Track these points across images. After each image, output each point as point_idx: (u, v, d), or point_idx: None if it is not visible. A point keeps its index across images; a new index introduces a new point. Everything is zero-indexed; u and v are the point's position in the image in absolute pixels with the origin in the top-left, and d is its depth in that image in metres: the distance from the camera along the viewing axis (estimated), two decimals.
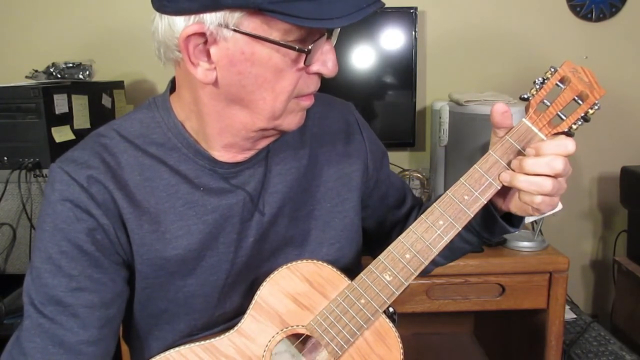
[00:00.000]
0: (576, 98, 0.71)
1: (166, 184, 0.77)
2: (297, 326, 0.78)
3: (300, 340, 0.81)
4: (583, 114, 0.72)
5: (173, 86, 0.81)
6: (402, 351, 0.77)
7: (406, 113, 1.81)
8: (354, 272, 0.78)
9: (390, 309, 0.79)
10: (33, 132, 1.39)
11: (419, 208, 0.98)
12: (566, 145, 0.68)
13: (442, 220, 0.75)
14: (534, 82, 0.72)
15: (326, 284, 0.78)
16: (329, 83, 0.78)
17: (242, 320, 0.78)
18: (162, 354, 0.79)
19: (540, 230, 1.49)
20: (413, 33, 1.75)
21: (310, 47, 0.67)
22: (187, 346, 0.79)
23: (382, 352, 0.77)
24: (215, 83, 0.70)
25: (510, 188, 0.75)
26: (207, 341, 0.78)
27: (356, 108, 0.95)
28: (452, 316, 1.93)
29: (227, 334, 0.78)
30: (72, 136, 1.48)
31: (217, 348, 0.78)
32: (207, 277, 0.79)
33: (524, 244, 1.47)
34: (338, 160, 0.88)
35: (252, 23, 0.65)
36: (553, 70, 0.72)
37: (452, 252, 0.90)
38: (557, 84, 0.71)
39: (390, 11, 1.75)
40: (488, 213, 0.81)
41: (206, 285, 0.79)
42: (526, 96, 0.73)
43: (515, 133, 0.73)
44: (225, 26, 0.65)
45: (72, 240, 0.73)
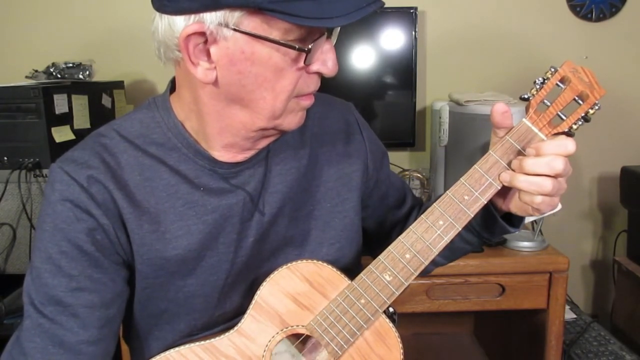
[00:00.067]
0: (576, 98, 0.71)
1: (166, 184, 0.77)
2: (297, 326, 0.78)
3: (300, 340, 0.80)
4: (583, 114, 0.72)
5: (173, 86, 0.80)
6: (402, 351, 0.77)
7: (406, 113, 1.81)
8: (354, 272, 0.78)
9: (390, 309, 0.79)
10: (33, 132, 1.39)
11: (419, 208, 0.98)
12: (566, 145, 0.68)
13: (442, 220, 0.75)
14: (534, 82, 0.72)
15: (326, 284, 0.78)
16: (329, 83, 0.78)
17: (242, 320, 0.78)
18: (162, 354, 0.79)
19: (540, 230, 1.49)
20: (413, 33, 1.75)
21: (310, 47, 0.67)
22: (187, 346, 0.79)
23: (382, 352, 0.77)
24: (215, 83, 0.70)
25: (510, 188, 0.75)
26: (207, 341, 0.78)
27: (356, 108, 0.95)
28: (452, 316, 1.93)
29: (227, 334, 0.78)
30: (72, 136, 1.48)
31: (217, 348, 0.78)
32: (207, 277, 0.79)
33: (524, 244, 1.47)
34: (338, 160, 0.88)
35: (252, 22, 0.65)
36: (553, 70, 0.71)
37: (452, 252, 0.90)
38: (558, 84, 0.71)
39: (390, 11, 1.75)
40: (488, 213, 0.81)
41: (206, 285, 0.79)
42: (526, 96, 0.73)
43: (515, 133, 0.73)
44: (225, 25, 0.65)
45: (72, 240, 0.73)
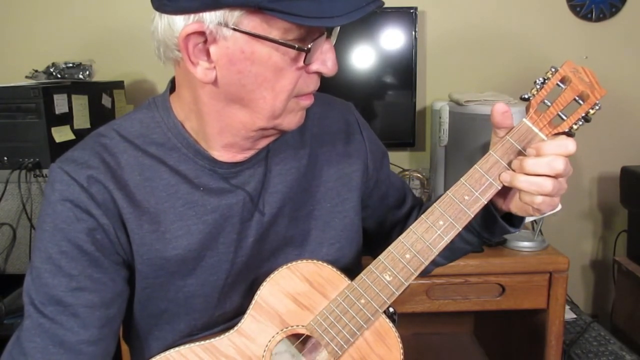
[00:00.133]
0: (577, 98, 0.71)
1: (166, 184, 0.77)
2: (297, 326, 0.78)
3: (300, 340, 0.80)
4: (584, 114, 0.72)
5: (173, 86, 0.80)
6: (402, 351, 0.77)
7: (406, 113, 1.81)
8: (354, 272, 0.78)
9: (390, 309, 0.79)
10: (33, 132, 1.39)
11: (419, 208, 0.98)
12: (567, 145, 0.68)
13: (443, 220, 0.75)
14: (535, 82, 0.72)
15: (326, 284, 0.78)
16: (329, 83, 0.77)
17: (242, 320, 0.78)
18: (162, 354, 0.79)
19: (540, 230, 1.49)
20: (413, 33, 1.75)
21: (309, 46, 0.66)
22: (187, 346, 0.79)
23: (382, 352, 0.77)
24: (214, 82, 0.70)
25: (510, 188, 0.75)
26: (207, 341, 0.78)
27: (356, 108, 0.95)
28: (452, 316, 1.93)
29: (227, 334, 0.78)
30: (72, 136, 1.48)
31: (217, 348, 0.78)
32: (207, 277, 0.79)
33: (524, 244, 1.47)
34: (338, 160, 0.88)
35: (252, 22, 0.65)
36: (554, 70, 0.71)
37: (453, 252, 0.90)
38: (558, 84, 0.71)
39: (390, 11, 1.75)
40: (488, 213, 0.81)
41: (206, 285, 0.79)
42: (527, 96, 0.72)
43: (515, 133, 0.73)
44: (225, 25, 0.65)
45: (72, 240, 0.73)
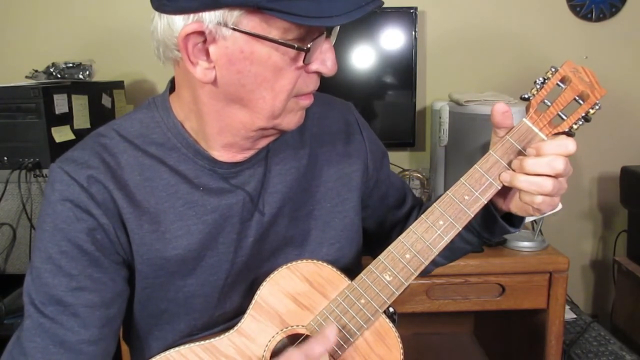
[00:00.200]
0: (577, 98, 0.71)
1: (166, 184, 0.77)
2: (297, 326, 0.78)
3: (300, 340, 0.80)
4: (584, 114, 0.72)
5: (173, 86, 0.80)
6: (402, 351, 0.77)
7: (406, 113, 1.81)
8: (354, 272, 0.78)
9: (390, 309, 0.79)
10: (33, 132, 1.39)
11: (419, 208, 0.98)
12: (567, 145, 0.68)
13: (443, 220, 0.75)
14: (535, 82, 0.72)
15: (326, 284, 0.78)
16: (329, 83, 0.78)
17: (242, 320, 0.78)
18: (162, 354, 0.79)
19: (540, 230, 1.49)
20: (413, 33, 1.75)
21: (309, 46, 0.66)
22: (187, 346, 0.79)
23: (382, 352, 0.77)
24: (214, 82, 0.70)
25: (510, 188, 0.75)
26: (207, 341, 0.78)
27: (356, 108, 0.95)
28: (452, 316, 1.93)
29: (227, 334, 0.78)
30: (72, 136, 1.48)
31: (217, 348, 0.78)
32: (207, 277, 0.79)
33: (524, 244, 1.47)
34: (338, 160, 0.88)
35: (251, 22, 0.65)
36: (554, 70, 0.71)
37: (453, 252, 0.90)
38: (558, 84, 0.71)
39: (390, 11, 1.75)
40: (488, 213, 0.81)
41: (206, 285, 0.79)
42: (527, 96, 0.72)
43: (515, 133, 0.73)
44: (224, 25, 0.65)
45: (72, 240, 0.73)
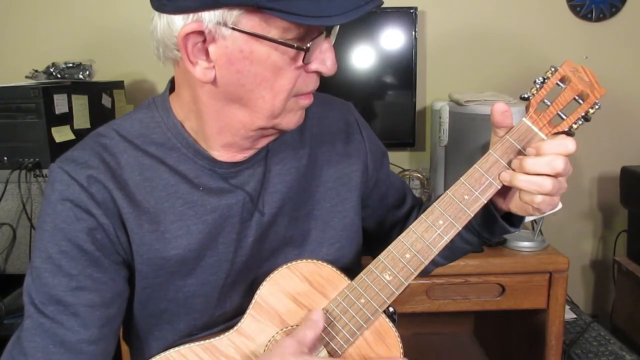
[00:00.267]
0: (576, 97, 0.71)
1: (165, 184, 0.77)
2: (297, 326, 0.78)
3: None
4: (583, 114, 0.72)
5: (172, 86, 0.80)
6: (402, 351, 0.77)
7: (406, 113, 1.81)
8: (354, 272, 0.78)
9: (390, 309, 0.79)
10: (33, 132, 1.39)
11: (419, 208, 0.98)
12: (566, 144, 0.68)
13: (442, 220, 0.75)
14: (535, 82, 0.72)
15: (326, 284, 0.78)
16: (329, 83, 0.78)
17: (242, 320, 0.78)
18: (162, 354, 0.79)
19: (540, 230, 1.49)
20: (413, 33, 1.75)
21: (308, 45, 0.66)
22: (187, 346, 0.79)
23: (382, 352, 0.77)
24: (214, 82, 0.70)
25: (510, 188, 0.75)
26: (207, 341, 0.78)
27: (356, 108, 0.95)
28: (452, 316, 1.93)
29: (227, 334, 0.78)
30: (72, 136, 1.48)
31: (217, 348, 0.78)
32: (207, 277, 0.79)
33: (524, 244, 1.47)
34: (338, 160, 0.88)
35: (251, 21, 0.65)
36: (553, 69, 0.71)
37: (452, 252, 0.90)
38: (558, 84, 0.71)
39: (390, 11, 1.75)
40: (488, 213, 0.81)
41: (206, 285, 0.79)
42: (526, 96, 0.72)
43: (515, 132, 0.73)
44: (223, 24, 0.65)
45: (72, 239, 0.73)
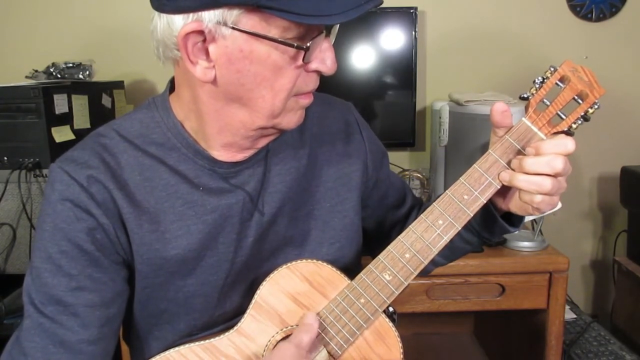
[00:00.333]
0: (576, 97, 0.71)
1: (165, 184, 0.77)
2: (297, 326, 0.78)
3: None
4: (583, 113, 0.72)
5: (172, 86, 0.81)
6: (402, 351, 0.77)
7: (406, 113, 1.81)
8: (354, 272, 0.78)
9: (390, 309, 0.79)
10: (33, 132, 1.39)
11: (419, 208, 0.98)
12: (566, 144, 0.68)
13: (442, 219, 0.75)
14: (534, 82, 0.72)
15: (326, 284, 0.78)
16: (329, 83, 0.78)
17: (242, 319, 0.78)
18: (162, 354, 0.79)
19: (540, 230, 1.49)
20: (413, 33, 1.75)
21: (308, 45, 0.66)
22: (187, 346, 0.79)
23: (382, 352, 0.77)
24: (214, 81, 0.70)
25: (510, 187, 0.75)
26: (207, 341, 0.78)
27: (356, 108, 0.95)
28: (452, 316, 1.93)
29: (227, 334, 0.78)
30: (72, 136, 1.48)
31: (217, 348, 0.78)
32: (207, 277, 0.79)
33: (524, 244, 1.47)
34: (338, 160, 0.88)
35: (251, 20, 0.65)
36: (553, 69, 0.71)
37: (452, 252, 0.90)
38: (557, 83, 0.71)
39: (390, 11, 1.75)
40: (488, 212, 0.81)
41: (206, 285, 0.79)
42: (526, 95, 0.72)
43: (514, 132, 0.73)
44: (223, 24, 0.65)
45: (72, 239, 0.73)
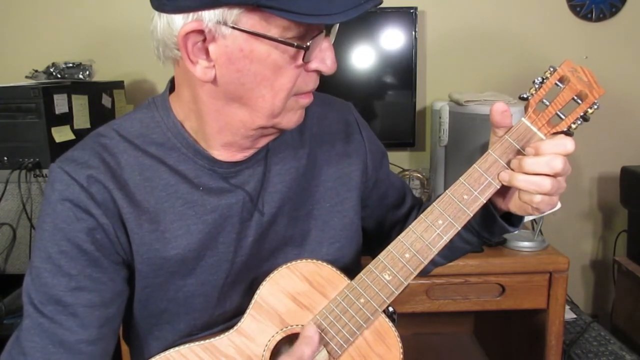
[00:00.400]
0: (575, 97, 0.71)
1: (165, 184, 0.77)
2: (297, 326, 0.78)
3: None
4: (582, 114, 0.72)
5: (172, 86, 0.81)
6: (402, 351, 0.77)
7: (406, 113, 1.81)
8: (354, 272, 0.78)
9: (390, 309, 0.79)
10: (33, 132, 1.40)
11: (419, 208, 0.98)
12: (565, 144, 0.68)
13: (442, 219, 0.75)
14: (533, 82, 0.72)
15: (326, 284, 0.78)
16: (329, 83, 0.78)
17: (242, 319, 0.78)
18: (162, 354, 0.79)
19: (540, 230, 1.49)
20: (413, 33, 1.75)
21: (308, 44, 0.66)
22: (187, 346, 0.79)
23: (382, 352, 0.77)
24: (214, 81, 0.70)
25: (509, 187, 0.75)
26: (207, 341, 0.78)
27: (356, 108, 0.95)
28: (452, 316, 1.93)
29: (227, 334, 0.78)
30: (72, 136, 1.48)
31: (217, 348, 0.78)
32: (207, 277, 0.79)
33: (524, 244, 1.47)
34: (337, 160, 0.88)
35: (251, 20, 0.65)
36: (552, 69, 0.71)
37: (452, 252, 0.90)
38: (557, 84, 0.71)
39: (390, 11, 1.75)
40: (487, 212, 0.81)
41: (206, 284, 0.79)
42: (525, 96, 0.73)
43: (514, 132, 0.73)
44: (223, 23, 0.65)
45: (72, 239, 0.73)
